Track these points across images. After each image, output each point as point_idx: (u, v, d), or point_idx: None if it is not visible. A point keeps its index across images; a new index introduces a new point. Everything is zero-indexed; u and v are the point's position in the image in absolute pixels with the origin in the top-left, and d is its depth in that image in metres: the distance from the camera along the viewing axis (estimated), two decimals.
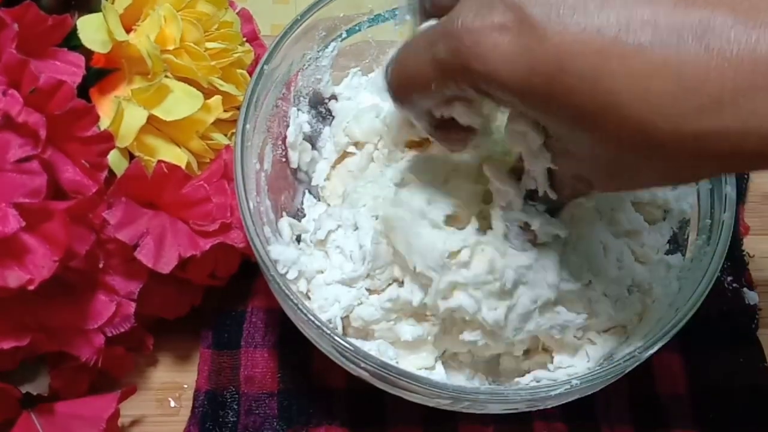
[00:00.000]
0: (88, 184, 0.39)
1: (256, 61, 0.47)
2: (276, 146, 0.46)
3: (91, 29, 0.41)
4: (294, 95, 0.47)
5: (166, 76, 0.42)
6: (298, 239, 0.45)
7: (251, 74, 0.43)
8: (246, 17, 0.50)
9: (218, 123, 0.45)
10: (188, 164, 0.44)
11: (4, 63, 0.36)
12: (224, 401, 0.46)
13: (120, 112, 0.41)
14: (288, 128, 0.47)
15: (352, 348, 0.36)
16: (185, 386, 0.47)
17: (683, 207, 0.44)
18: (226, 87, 0.45)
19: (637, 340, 0.39)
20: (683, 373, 0.48)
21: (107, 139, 0.39)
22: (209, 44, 0.45)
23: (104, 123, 0.40)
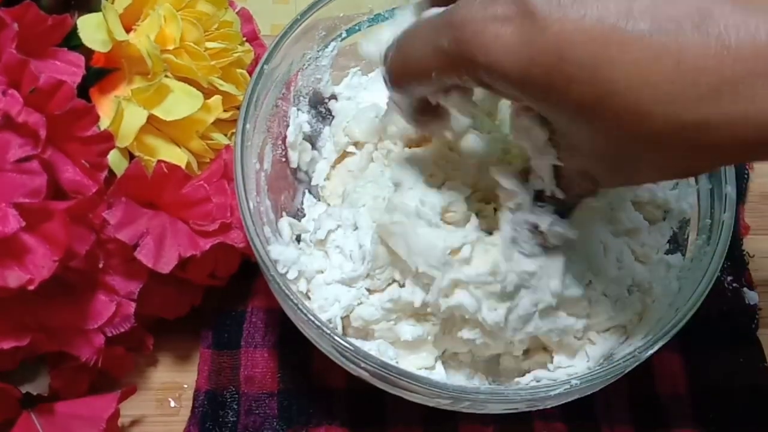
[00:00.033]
0: (88, 184, 0.39)
1: (256, 61, 0.47)
2: (276, 146, 0.46)
3: (91, 29, 0.41)
4: (294, 95, 0.47)
5: (166, 76, 0.42)
6: (298, 239, 0.45)
7: (251, 74, 0.43)
8: (246, 17, 0.50)
9: (218, 123, 0.45)
10: (188, 164, 0.44)
11: (4, 63, 0.36)
12: (224, 401, 0.46)
13: (120, 112, 0.41)
14: (288, 128, 0.47)
15: (352, 348, 0.36)
16: (185, 386, 0.47)
17: (683, 207, 0.44)
18: (226, 87, 0.45)
19: (637, 340, 0.39)
20: (683, 373, 0.48)
21: (107, 139, 0.39)
22: (209, 44, 0.45)
23: (104, 123, 0.40)
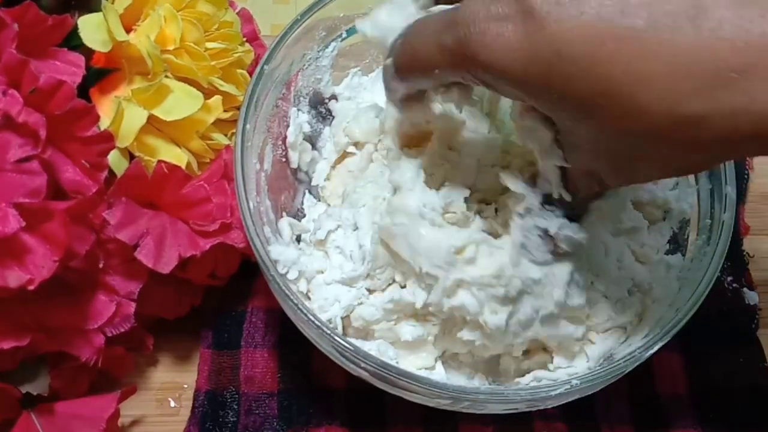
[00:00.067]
0: (88, 184, 0.39)
1: (256, 61, 0.47)
2: (276, 146, 0.46)
3: (92, 29, 0.41)
4: (294, 95, 0.47)
5: (166, 76, 0.42)
6: (298, 239, 0.45)
7: (251, 74, 0.43)
8: (246, 17, 0.50)
9: (218, 123, 0.45)
10: (188, 164, 0.44)
11: (4, 63, 0.36)
12: (224, 401, 0.46)
13: (120, 112, 0.41)
14: (288, 128, 0.47)
15: (352, 348, 0.37)
16: (185, 386, 0.47)
17: (683, 207, 0.44)
18: (226, 87, 0.45)
19: (637, 340, 0.39)
20: (683, 373, 0.48)
21: (107, 139, 0.39)
22: (209, 44, 0.45)
23: (104, 123, 0.40)
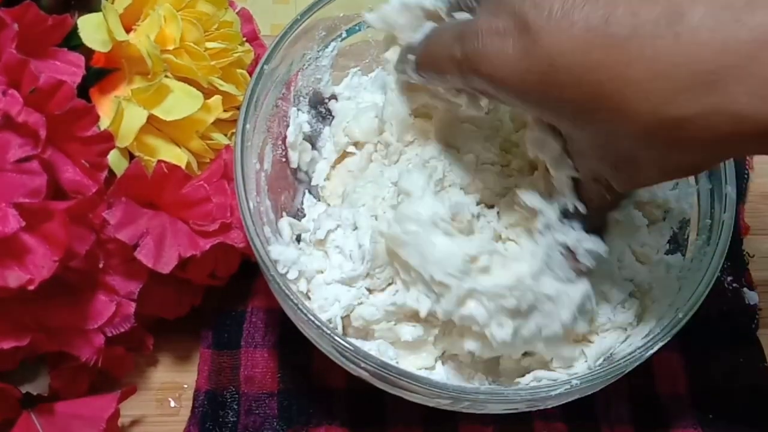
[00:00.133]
0: (88, 184, 0.39)
1: (256, 61, 0.47)
2: (276, 146, 0.46)
3: (92, 29, 0.41)
4: (294, 95, 0.47)
5: (166, 76, 0.42)
6: (298, 239, 0.45)
7: (251, 74, 0.43)
8: (246, 17, 0.50)
9: (218, 123, 0.45)
10: (188, 164, 0.43)
11: (4, 63, 0.36)
12: (224, 401, 0.46)
13: (120, 112, 0.41)
14: (288, 128, 0.47)
15: (352, 348, 0.37)
16: (185, 386, 0.47)
17: (683, 207, 0.44)
18: (226, 87, 0.45)
19: (638, 340, 0.39)
20: (683, 373, 0.48)
21: (107, 139, 0.39)
22: (209, 44, 0.45)
23: (104, 123, 0.40)
